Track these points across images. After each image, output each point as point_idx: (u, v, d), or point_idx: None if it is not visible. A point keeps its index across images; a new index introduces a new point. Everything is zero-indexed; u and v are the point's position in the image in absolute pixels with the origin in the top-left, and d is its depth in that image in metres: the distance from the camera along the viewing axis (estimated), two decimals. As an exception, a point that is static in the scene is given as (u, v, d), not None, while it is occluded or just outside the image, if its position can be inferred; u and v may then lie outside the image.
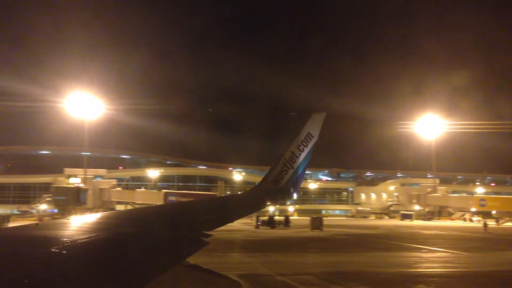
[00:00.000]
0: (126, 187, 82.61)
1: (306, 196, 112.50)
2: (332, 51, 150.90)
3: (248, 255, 26.33)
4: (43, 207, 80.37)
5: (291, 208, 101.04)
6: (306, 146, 8.60)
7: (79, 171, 76.25)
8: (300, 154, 8.55)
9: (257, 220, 55.19)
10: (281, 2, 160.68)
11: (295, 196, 9.03)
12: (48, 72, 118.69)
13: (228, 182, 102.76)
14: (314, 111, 8.84)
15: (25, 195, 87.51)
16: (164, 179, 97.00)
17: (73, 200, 59.58)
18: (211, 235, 4.27)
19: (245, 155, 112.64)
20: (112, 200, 73.87)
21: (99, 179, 78.47)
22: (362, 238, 40.66)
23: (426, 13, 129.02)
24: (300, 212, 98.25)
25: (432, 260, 25.63)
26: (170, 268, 3.38)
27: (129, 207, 79.83)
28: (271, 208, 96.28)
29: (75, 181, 66.52)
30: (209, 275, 4.66)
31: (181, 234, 4.18)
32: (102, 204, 71.48)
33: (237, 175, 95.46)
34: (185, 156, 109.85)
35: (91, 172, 73.87)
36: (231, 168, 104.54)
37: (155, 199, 74.65)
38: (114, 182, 77.50)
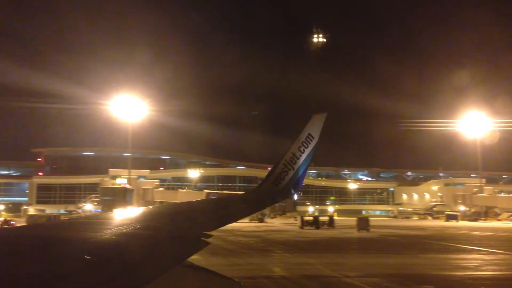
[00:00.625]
0: (168, 188, 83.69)
1: (345, 196, 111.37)
2: (371, 49, 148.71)
3: (305, 256, 26.12)
4: (88, 207, 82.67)
5: (330, 209, 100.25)
6: (306, 147, 8.55)
7: (123, 171, 77.96)
8: (300, 155, 8.49)
9: (302, 221, 54.92)
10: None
11: (295, 197, 9.03)
12: (94, 75, 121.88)
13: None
14: (315, 112, 8.77)
15: (71, 195, 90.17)
16: (204, 179, 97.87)
17: (120, 200, 60.86)
18: (212, 235, 4.20)
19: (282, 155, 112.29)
20: (155, 200, 75.07)
21: (142, 179, 79.93)
22: (413, 240, 39.77)
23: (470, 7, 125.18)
24: (339, 213, 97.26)
25: (497, 263, 24.73)
26: (170, 268, 3.34)
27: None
28: (310, 208, 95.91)
29: (122, 182, 67.92)
30: (208, 275, 4.59)
31: (181, 234, 4.16)
32: (145, 204, 72.71)
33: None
34: (224, 157, 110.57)
35: (134, 173, 75.33)
36: (269, 168, 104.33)
37: (197, 198, 75.47)
38: (156, 182, 78.78)
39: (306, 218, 56.86)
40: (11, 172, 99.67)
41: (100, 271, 2.67)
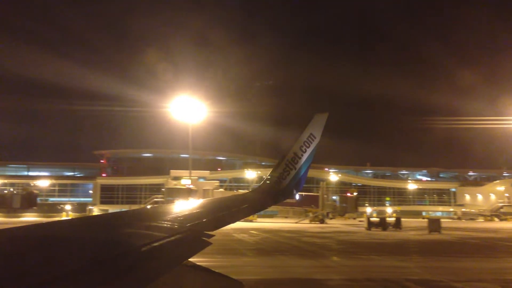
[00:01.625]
0: (226, 189, 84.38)
1: (404, 197, 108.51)
2: (432, 46, 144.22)
3: (394, 258, 25.33)
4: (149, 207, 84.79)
5: (389, 210, 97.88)
6: (308, 147, 8.46)
7: (184, 172, 79.30)
8: (302, 155, 8.41)
9: (368, 222, 53.83)
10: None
11: (297, 196, 8.97)
12: (154, 77, 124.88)
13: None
14: (317, 112, 8.61)
15: (132, 196, 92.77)
16: (261, 180, 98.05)
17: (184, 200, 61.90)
18: (213, 235, 4.12)
19: (339, 155, 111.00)
20: (215, 200, 75.91)
21: (202, 180, 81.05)
22: (493, 243, 37.98)
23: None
24: (398, 214, 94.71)
25: None
26: (171, 268, 3.32)
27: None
28: (368, 209, 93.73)
29: (186, 183, 69.16)
30: (210, 275, 4.58)
31: (183, 234, 4.01)
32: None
33: (334, 176, 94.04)
34: (279, 157, 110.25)
35: (195, 173, 76.39)
36: (327, 169, 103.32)
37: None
38: (216, 183, 79.65)
39: (373, 219, 55.64)
40: (76, 173, 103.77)
41: (101, 270, 2.63)
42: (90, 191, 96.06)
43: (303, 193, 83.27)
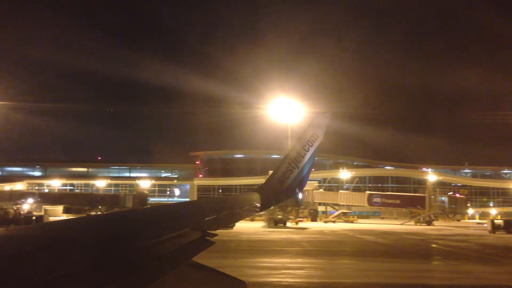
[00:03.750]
0: (325, 189, 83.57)
1: (508, 198, 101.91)
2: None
3: None
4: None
5: (493, 211, 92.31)
6: (311, 146, 8.46)
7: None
8: (305, 154, 8.38)
9: (492, 224, 50.90)
10: None
11: (300, 195, 9.02)
12: (253, 78, 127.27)
13: (421, 183, 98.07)
14: (320, 112, 7.60)
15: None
16: (353, 180, 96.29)
17: (293, 201, 61.62)
18: (216, 234, 4.16)
19: (435, 154, 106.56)
20: (314, 201, 75.42)
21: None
22: None
23: None
24: (503, 215, 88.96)
25: None
26: (174, 268, 3.26)
27: (329, 208, 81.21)
28: (492, 211, 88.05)
29: (292, 183, 69.30)
30: (213, 274, 4.51)
31: (186, 233, 3.97)
32: (306, 205, 73.28)
33: (432, 176, 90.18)
34: (371, 157, 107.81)
35: (293, 174, 76.51)
36: (424, 168, 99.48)
37: (359, 200, 74.37)
38: (316, 183, 79.17)
39: (497, 221, 52.59)
40: (172, 174, 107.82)
41: (105, 270, 2.60)
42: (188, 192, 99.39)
43: (411, 194, 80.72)
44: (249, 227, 56.86)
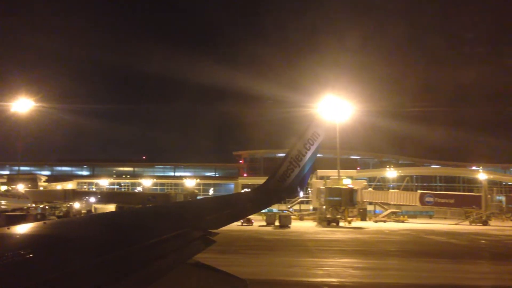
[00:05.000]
0: (375, 188, 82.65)
1: None
2: None
3: None
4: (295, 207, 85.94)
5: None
6: (312, 145, 8.46)
7: (330, 172, 79.14)
8: (306, 153, 8.38)
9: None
10: None
11: (301, 194, 8.13)
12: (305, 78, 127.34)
13: (471, 182, 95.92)
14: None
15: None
16: (400, 179, 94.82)
17: (347, 200, 61.56)
18: (217, 233, 4.16)
19: (483, 152, 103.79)
20: (364, 200, 74.57)
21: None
22: None
23: None
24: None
25: None
26: (176, 266, 3.27)
27: (378, 208, 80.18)
28: None
29: (347, 182, 68.86)
30: (214, 273, 4.52)
31: (187, 232, 3.98)
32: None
33: (482, 174, 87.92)
34: (416, 155, 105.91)
35: (342, 173, 75.73)
36: (474, 167, 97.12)
37: (411, 200, 73.11)
38: (364, 182, 78.40)
39: None
40: (216, 174, 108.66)
41: (107, 269, 2.60)
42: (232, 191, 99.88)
43: (465, 193, 79.03)
44: (303, 226, 56.80)
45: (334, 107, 66.59)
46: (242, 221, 58.49)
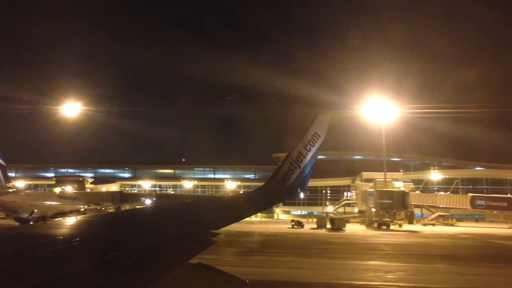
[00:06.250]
0: (422, 191, 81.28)
1: None
2: None
3: None
4: (330, 209, 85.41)
5: None
6: (313, 146, 8.43)
7: (376, 174, 78.35)
8: (307, 154, 8.36)
9: None
10: None
11: (302, 195, 8.86)
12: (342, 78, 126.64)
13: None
14: (321, 111, 8.22)
15: (314, 198, 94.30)
16: (444, 182, 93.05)
17: (399, 203, 60.74)
18: (218, 233, 4.13)
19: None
20: (411, 203, 73.38)
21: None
22: None
23: None
24: None
25: None
26: (177, 266, 3.29)
27: (425, 211, 78.72)
28: None
29: (399, 185, 67.99)
30: (215, 273, 4.51)
31: (188, 232, 3.97)
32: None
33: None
34: (460, 157, 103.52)
35: (388, 175, 74.78)
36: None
37: (461, 203, 71.53)
38: (411, 185, 77.19)
39: None
40: (255, 176, 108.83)
41: (108, 269, 2.61)
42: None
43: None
44: (355, 229, 56.09)
45: (378, 109, 65.89)
46: (293, 223, 58.44)
